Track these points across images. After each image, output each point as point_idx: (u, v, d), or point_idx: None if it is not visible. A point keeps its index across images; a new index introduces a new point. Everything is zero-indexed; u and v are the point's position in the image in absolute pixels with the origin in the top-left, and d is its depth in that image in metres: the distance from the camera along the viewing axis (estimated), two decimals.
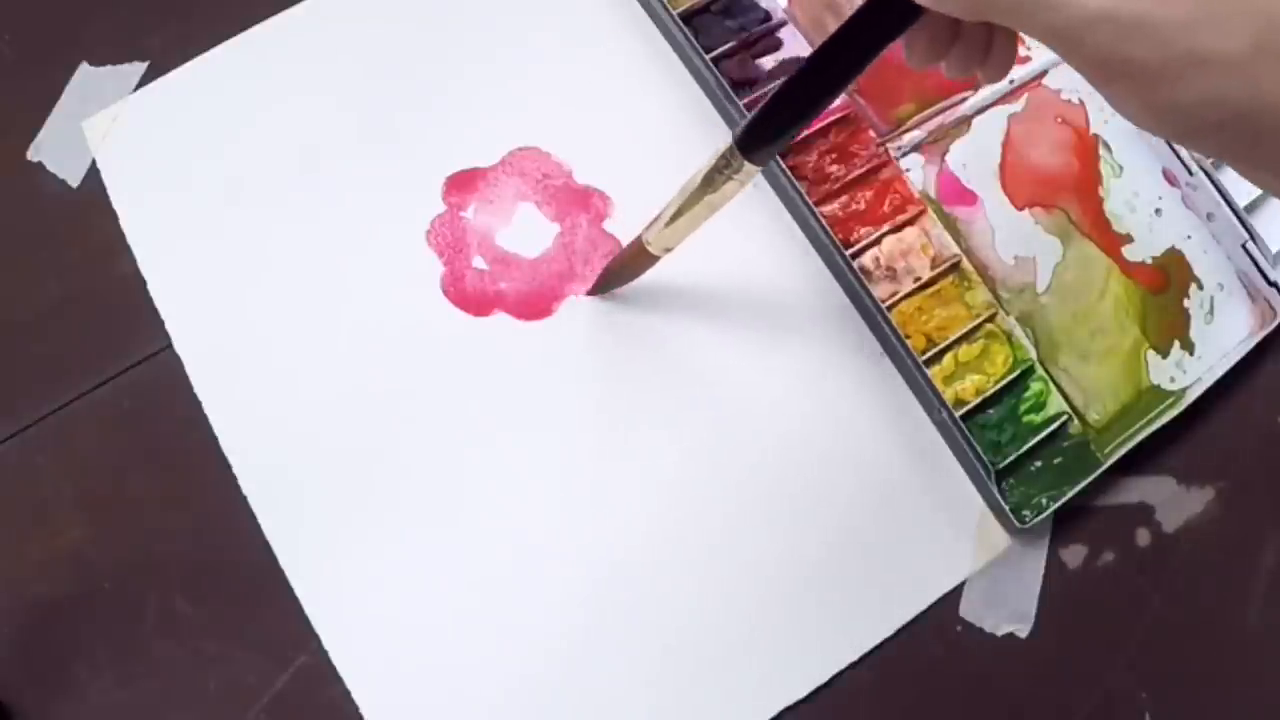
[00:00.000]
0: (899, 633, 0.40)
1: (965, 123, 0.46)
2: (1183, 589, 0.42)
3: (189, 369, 0.41)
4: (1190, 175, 0.44)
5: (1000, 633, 0.41)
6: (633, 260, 0.39)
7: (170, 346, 0.41)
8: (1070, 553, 0.42)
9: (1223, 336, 0.44)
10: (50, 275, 0.42)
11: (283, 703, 0.38)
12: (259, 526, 0.39)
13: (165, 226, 0.43)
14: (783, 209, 0.44)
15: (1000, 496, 0.40)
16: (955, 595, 0.41)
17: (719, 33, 0.45)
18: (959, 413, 0.40)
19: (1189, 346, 0.44)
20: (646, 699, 0.39)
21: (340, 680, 0.38)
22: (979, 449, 0.40)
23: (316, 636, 0.38)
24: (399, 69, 0.45)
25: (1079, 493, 0.40)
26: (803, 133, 0.43)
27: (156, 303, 0.42)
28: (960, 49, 0.28)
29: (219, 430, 0.40)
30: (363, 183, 0.44)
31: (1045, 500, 0.41)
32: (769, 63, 0.45)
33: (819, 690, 0.39)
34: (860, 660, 0.39)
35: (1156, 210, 0.45)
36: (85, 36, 0.45)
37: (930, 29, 0.27)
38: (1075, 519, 0.42)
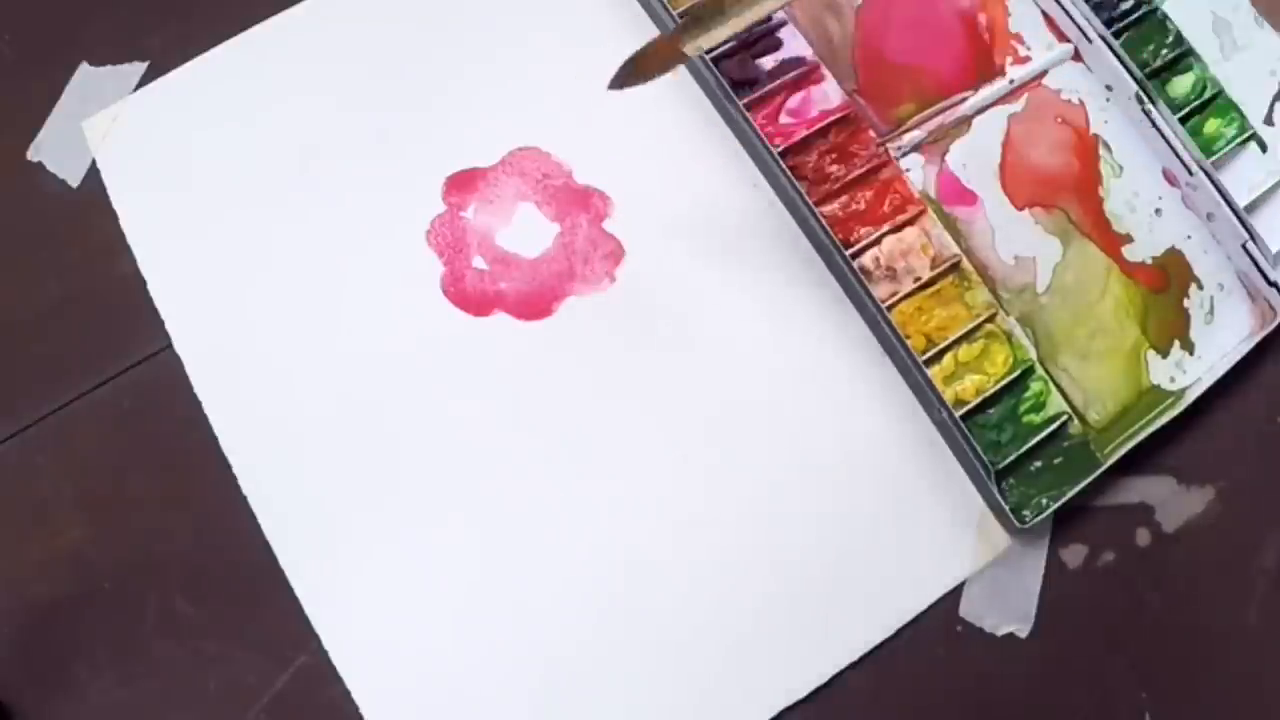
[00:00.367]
0: (899, 633, 0.40)
1: (965, 123, 0.46)
2: (1183, 589, 0.42)
3: (189, 369, 0.41)
4: (1190, 175, 0.44)
5: (1000, 633, 0.41)
6: (661, 57, 0.38)
7: (170, 346, 0.41)
8: (1070, 553, 0.42)
9: (1223, 336, 0.44)
10: (50, 275, 0.42)
11: (283, 703, 0.38)
12: (259, 526, 0.39)
13: (165, 226, 0.43)
14: (783, 209, 0.44)
15: (1000, 496, 0.40)
16: (955, 595, 0.41)
17: None
18: (959, 413, 0.40)
19: (1189, 346, 0.44)
20: (646, 699, 0.39)
21: (340, 680, 0.38)
22: (979, 449, 0.40)
23: (316, 636, 0.39)
24: (399, 69, 0.45)
25: (1079, 493, 0.40)
26: (802, 133, 0.43)
27: (156, 303, 0.42)
28: None
29: (219, 430, 0.40)
30: (363, 183, 0.44)
31: (1045, 500, 0.41)
32: (769, 63, 0.45)
33: (819, 690, 0.39)
34: (860, 660, 0.39)
35: (1156, 210, 0.45)
36: (85, 36, 0.45)
37: None
38: (1075, 519, 0.42)
